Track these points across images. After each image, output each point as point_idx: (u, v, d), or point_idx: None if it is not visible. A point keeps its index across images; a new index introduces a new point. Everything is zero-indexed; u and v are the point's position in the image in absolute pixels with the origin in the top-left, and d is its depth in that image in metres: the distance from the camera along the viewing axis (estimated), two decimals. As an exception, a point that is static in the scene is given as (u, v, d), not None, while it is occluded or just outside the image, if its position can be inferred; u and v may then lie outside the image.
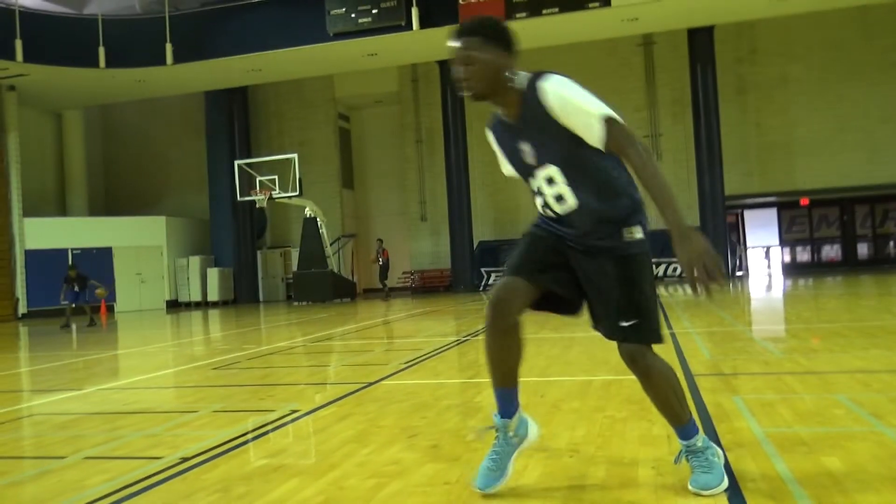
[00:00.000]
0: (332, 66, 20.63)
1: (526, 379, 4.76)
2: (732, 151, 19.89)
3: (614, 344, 2.28)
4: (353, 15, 18.01)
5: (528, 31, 17.52)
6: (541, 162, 2.29)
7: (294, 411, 4.03)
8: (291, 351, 7.84)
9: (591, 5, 16.76)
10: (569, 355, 5.79)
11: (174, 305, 22.30)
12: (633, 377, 2.34)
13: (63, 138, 23.02)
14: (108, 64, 18.81)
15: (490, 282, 20.59)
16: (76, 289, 14.18)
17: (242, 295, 22.81)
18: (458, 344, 7.44)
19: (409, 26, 17.59)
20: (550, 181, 2.30)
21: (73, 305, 14.27)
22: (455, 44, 2.27)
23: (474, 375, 5.17)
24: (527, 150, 2.30)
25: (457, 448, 3.00)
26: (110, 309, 20.59)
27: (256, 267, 23.41)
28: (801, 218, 23.43)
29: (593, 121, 2.15)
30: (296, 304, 19.59)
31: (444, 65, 20.23)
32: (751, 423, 3.12)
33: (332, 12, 18.08)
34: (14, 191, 19.79)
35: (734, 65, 20.68)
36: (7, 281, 19.53)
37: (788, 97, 20.68)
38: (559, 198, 2.30)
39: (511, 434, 2.37)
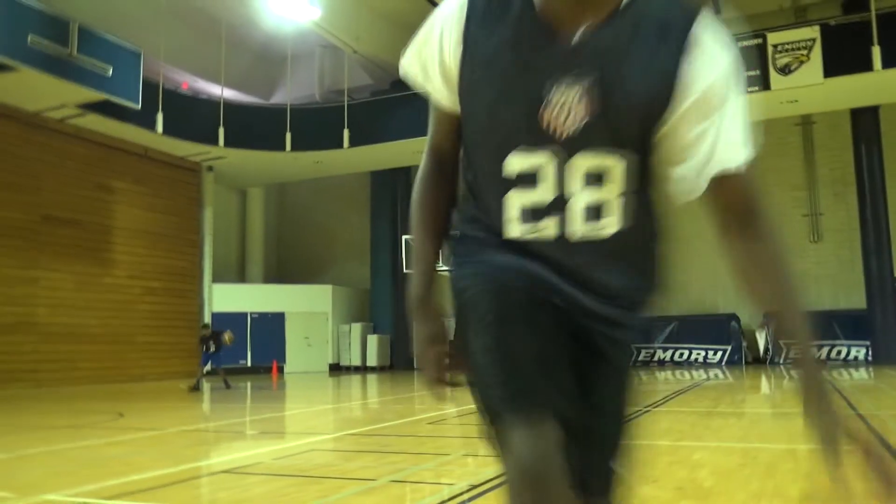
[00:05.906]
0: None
1: (732, 444, 5.26)
2: (902, 232, 19.19)
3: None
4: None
5: (684, 114, 18.04)
6: (590, 135, 1.15)
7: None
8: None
9: (749, 89, 17.08)
10: (761, 427, 6.17)
11: (336, 368, 23.82)
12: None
13: (246, 213, 25.67)
14: (293, 147, 21.04)
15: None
16: (210, 349, 13.42)
17: (398, 361, 24.03)
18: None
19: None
20: (596, 179, 1.19)
21: (207, 369, 13.59)
22: None
23: (679, 438, 5.68)
24: (572, 94, 1.13)
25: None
26: (280, 370, 22.38)
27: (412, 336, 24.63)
28: (981, 303, 21.90)
29: (735, 148, 1.29)
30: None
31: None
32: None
33: (495, 99, 19.45)
34: (206, 260, 22.23)
35: (901, 144, 20.11)
36: (195, 340, 21.69)
37: (963, 177, 19.79)
38: (594, 212, 1.22)
39: None
